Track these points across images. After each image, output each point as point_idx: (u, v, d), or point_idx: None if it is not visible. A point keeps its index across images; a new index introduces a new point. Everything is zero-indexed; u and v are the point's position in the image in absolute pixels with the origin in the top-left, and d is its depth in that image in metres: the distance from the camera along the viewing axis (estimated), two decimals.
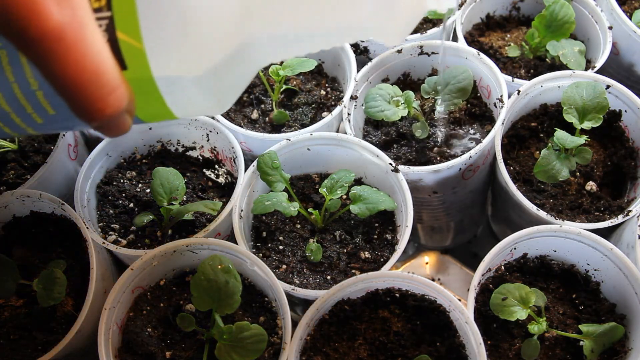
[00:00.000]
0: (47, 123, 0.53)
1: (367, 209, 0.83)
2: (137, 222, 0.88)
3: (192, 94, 0.52)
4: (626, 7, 1.11)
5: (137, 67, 0.47)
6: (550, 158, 0.86)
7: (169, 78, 0.49)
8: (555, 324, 0.80)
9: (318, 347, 0.77)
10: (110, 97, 0.43)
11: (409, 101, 0.91)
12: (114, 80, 0.44)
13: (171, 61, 0.48)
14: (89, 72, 0.42)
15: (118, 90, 0.44)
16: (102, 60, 0.42)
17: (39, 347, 0.80)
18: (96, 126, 0.47)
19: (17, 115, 0.51)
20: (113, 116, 0.45)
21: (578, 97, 0.87)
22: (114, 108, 0.44)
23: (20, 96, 0.50)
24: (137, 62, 0.47)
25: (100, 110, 0.43)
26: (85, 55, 0.41)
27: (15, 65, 0.48)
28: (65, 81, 0.41)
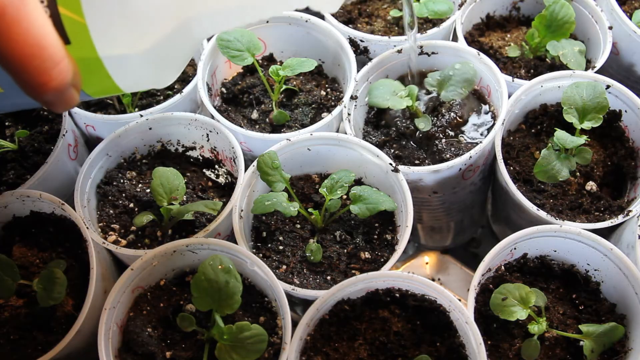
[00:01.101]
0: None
1: (367, 209, 0.83)
2: (137, 222, 0.88)
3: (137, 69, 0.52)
4: (626, 7, 1.11)
5: (80, 42, 0.48)
6: (550, 158, 0.86)
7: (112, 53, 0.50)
8: (555, 324, 0.80)
9: (318, 347, 0.77)
10: (54, 70, 0.44)
11: (412, 94, 0.91)
12: (57, 53, 0.44)
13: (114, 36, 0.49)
14: (32, 46, 0.43)
15: (61, 63, 0.45)
16: (44, 34, 0.44)
17: (39, 347, 0.80)
18: (44, 101, 0.48)
19: None
20: (58, 89, 0.46)
21: (578, 97, 0.87)
22: (59, 81, 0.45)
23: None
24: (80, 37, 0.48)
25: (44, 84, 0.45)
26: (27, 29, 0.42)
27: None
28: (8, 56, 0.42)
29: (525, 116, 0.98)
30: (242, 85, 1.04)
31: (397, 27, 1.11)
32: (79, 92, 0.50)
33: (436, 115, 0.97)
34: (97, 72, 0.51)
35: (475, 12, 1.11)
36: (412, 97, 0.91)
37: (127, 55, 0.51)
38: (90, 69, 0.51)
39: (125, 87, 0.55)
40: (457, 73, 0.92)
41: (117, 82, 0.53)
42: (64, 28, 0.47)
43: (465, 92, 0.91)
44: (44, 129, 0.98)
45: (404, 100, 0.91)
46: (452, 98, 0.91)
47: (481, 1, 1.10)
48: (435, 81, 0.93)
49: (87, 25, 0.48)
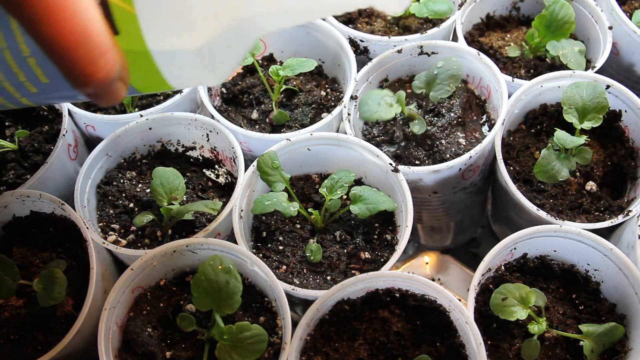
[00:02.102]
0: (41, 92, 0.52)
1: (367, 210, 0.83)
2: (137, 222, 0.88)
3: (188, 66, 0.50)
4: (626, 7, 1.11)
5: (130, 33, 0.46)
6: (550, 158, 0.86)
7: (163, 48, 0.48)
8: (555, 324, 0.80)
9: (318, 347, 0.77)
10: (100, 60, 0.42)
11: (401, 100, 0.91)
12: (103, 43, 0.42)
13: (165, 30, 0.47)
14: (77, 33, 0.41)
15: (108, 53, 0.43)
16: (91, 21, 0.41)
17: (39, 347, 0.80)
18: (89, 93, 0.46)
19: (11, 83, 0.51)
20: (104, 81, 0.44)
21: (578, 97, 0.87)
22: (104, 73, 0.43)
23: (13, 63, 0.49)
24: (129, 28, 0.46)
25: (90, 75, 0.42)
26: (73, 16, 0.40)
27: (6, 31, 0.47)
28: (53, 43, 0.41)
29: (525, 116, 0.98)
30: (242, 85, 1.04)
31: (397, 27, 1.11)
32: (126, 86, 0.48)
33: (436, 115, 0.97)
34: (145, 66, 0.49)
35: (475, 12, 1.11)
36: (401, 104, 0.91)
37: (178, 50, 0.48)
38: (139, 62, 0.48)
39: (175, 83, 0.52)
40: (441, 71, 0.91)
41: (166, 77, 0.51)
42: (113, 17, 0.45)
43: (453, 88, 0.90)
44: (44, 129, 0.98)
45: (392, 109, 0.91)
46: (441, 96, 0.90)
47: (481, 1, 1.10)
48: (422, 82, 0.93)
49: (137, 15, 0.45)
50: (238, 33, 0.50)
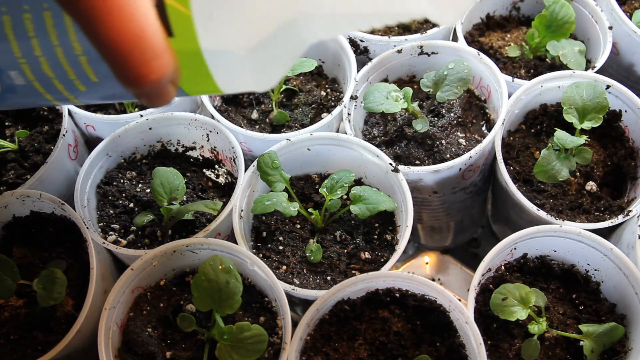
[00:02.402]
0: (90, 91, 0.52)
1: (367, 210, 0.83)
2: (137, 222, 0.88)
3: (240, 69, 0.50)
4: (626, 7, 1.11)
5: (184, 35, 0.46)
6: (550, 158, 0.86)
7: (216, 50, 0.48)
8: (555, 324, 0.80)
9: (318, 347, 0.77)
10: (154, 62, 0.42)
11: (407, 96, 0.91)
12: (158, 45, 0.42)
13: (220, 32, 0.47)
14: (133, 35, 0.41)
15: (163, 56, 0.43)
16: (147, 23, 0.41)
17: (39, 347, 0.80)
18: (139, 94, 0.46)
19: (60, 81, 0.50)
20: (157, 83, 0.43)
21: (578, 97, 0.87)
22: (158, 75, 0.43)
23: (64, 61, 0.49)
24: (184, 30, 0.46)
25: (144, 76, 0.42)
26: (130, 17, 0.40)
27: (59, 29, 0.47)
28: (108, 43, 0.40)
29: (525, 116, 0.98)
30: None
31: (397, 27, 1.11)
32: (176, 88, 0.48)
33: (436, 115, 0.97)
34: (197, 69, 0.49)
35: (475, 12, 1.11)
36: (407, 100, 0.91)
37: (230, 53, 0.48)
38: (191, 65, 0.48)
39: (225, 87, 0.52)
40: (451, 72, 0.91)
41: (217, 81, 0.51)
42: (169, 19, 0.45)
43: (460, 92, 0.90)
44: (44, 129, 0.98)
45: (399, 103, 0.91)
46: (448, 98, 0.91)
47: (481, 1, 1.10)
48: (431, 82, 0.93)
49: (193, 18, 0.45)
50: (289, 36, 0.50)
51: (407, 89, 0.92)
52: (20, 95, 0.53)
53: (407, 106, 0.91)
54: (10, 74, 0.50)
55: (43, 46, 0.48)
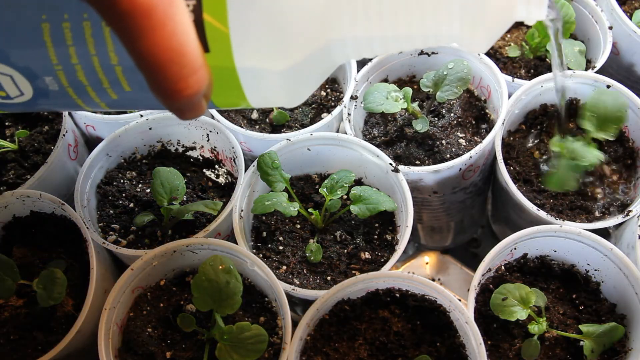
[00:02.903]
0: (121, 100, 0.53)
1: (367, 210, 0.83)
2: (137, 222, 0.88)
3: (271, 86, 0.51)
4: (626, 7, 1.11)
5: (220, 52, 0.47)
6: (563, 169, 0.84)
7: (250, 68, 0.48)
8: (555, 324, 0.80)
9: (318, 347, 0.77)
10: (191, 78, 0.43)
11: (407, 97, 0.91)
12: (196, 61, 0.43)
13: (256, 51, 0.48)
14: (174, 50, 0.41)
15: (199, 72, 0.43)
16: (188, 40, 0.42)
17: (39, 347, 0.80)
18: (172, 107, 0.46)
19: (93, 88, 0.51)
20: (191, 98, 0.44)
21: (602, 105, 0.86)
22: (194, 90, 0.44)
23: (99, 69, 0.49)
24: (220, 47, 0.47)
25: (180, 91, 0.43)
26: (171, 33, 0.41)
27: (97, 38, 0.48)
28: (149, 58, 0.41)
29: (525, 116, 0.98)
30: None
31: None
32: (207, 102, 0.49)
33: (436, 116, 0.97)
34: (229, 84, 0.50)
35: None
36: (407, 100, 0.91)
37: (264, 71, 0.49)
38: (224, 79, 0.49)
39: (255, 102, 0.53)
40: (451, 72, 0.91)
41: (248, 96, 0.52)
42: (206, 35, 0.46)
43: (460, 91, 0.90)
44: (44, 129, 0.98)
45: (399, 103, 0.91)
46: (448, 98, 0.91)
47: None
48: (431, 82, 0.93)
49: (230, 35, 0.46)
50: (323, 58, 0.51)
51: (407, 89, 0.92)
52: (52, 100, 0.54)
53: (407, 106, 0.91)
54: (45, 79, 0.51)
55: (80, 54, 0.49)
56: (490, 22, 0.49)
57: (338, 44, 0.50)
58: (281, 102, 0.55)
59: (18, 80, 0.51)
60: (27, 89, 0.52)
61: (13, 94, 0.53)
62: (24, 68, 0.50)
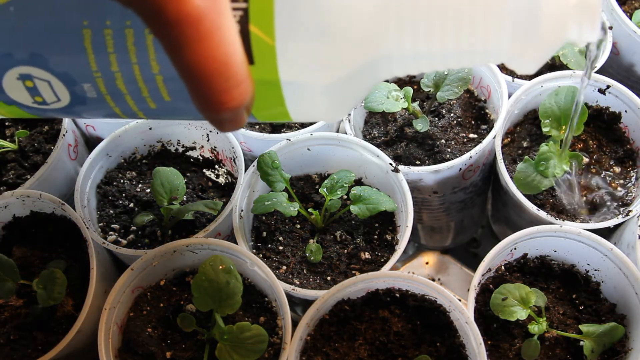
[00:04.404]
0: (159, 109, 0.52)
1: (367, 210, 0.83)
2: (137, 222, 0.88)
3: (314, 101, 0.50)
4: (626, 7, 1.11)
5: (265, 64, 0.46)
6: (527, 171, 0.86)
7: (294, 82, 0.48)
8: (555, 324, 0.80)
9: (318, 347, 0.77)
10: (234, 90, 0.42)
11: (408, 96, 0.91)
12: (241, 73, 0.42)
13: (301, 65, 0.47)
14: (219, 62, 0.40)
15: (243, 84, 0.43)
16: (234, 51, 0.41)
17: (39, 347, 0.80)
18: (212, 119, 0.46)
19: (132, 97, 0.51)
20: (233, 110, 0.43)
21: (555, 107, 0.87)
22: (237, 102, 0.43)
23: (139, 78, 0.49)
24: (265, 59, 0.46)
25: (223, 103, 0.42)
26: (218, 44, 0.40)
27: (139, 47, 0.47)
28: (194, 68, 0.40)
29: (525, 116, 0.98)
30: None
31: None
32: (249, 114, 0.48)
33: (436, 116, 0.97)
34: (272, 97, 0.49)
35: None
36: (407, 99, 0.91)
37: (308, 85, 0.48)
38: (266, 93, 0.48)
39: (296, 116, 0.52)
40: (451, 72, 0.91)
41: (290, 110, 0.51)
42: (251, 47, 0.45)
43: (460, 91, 0.90)
44: (44, 129, 0.98)
45: (399, 103, 0.91)
46: (448, 98, 0.90)
47: None
48: (431, 81, 0.93)
49: (276, 48, 0.45)
50: (367, 74, 0.50)
51: (407, 88, 0.92)
52: (89, 107, 0.53)
53: (408, 106, 0.91)
54: (84, 86, 0.50)
55: (121, 62, 0.48)
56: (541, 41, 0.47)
57: (384, 61, 0.49)
58: (322, 117, 0.55)
59: (56, 86, 0.51)
60: (64, 95, 0.51)
61: (50, 100, 0.52)
62: (63, 74, 0.50)
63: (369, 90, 0.55)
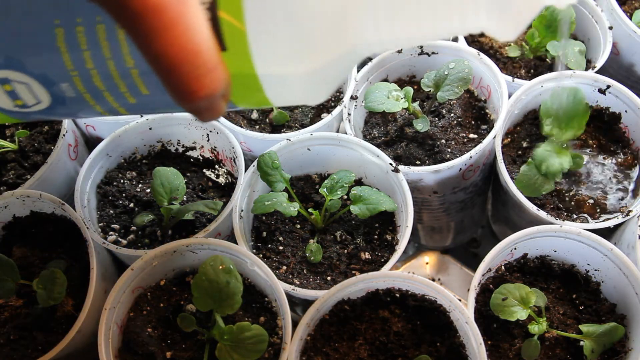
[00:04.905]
0: (139, 103, 0.52)
1: (367, 210, 0.83)
2: (137, 222, 0.88)
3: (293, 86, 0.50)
4: (626, 7, 1.11)
5: (238, 50, 0.45)
6: (530, 174, 0.86)
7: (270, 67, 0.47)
8: (555, 324, 0.80)
9: (318, 347, 0.77)
10: (206, 78, 0.42)
11: (408, 96, 0.91)
12: (211, 60, 0.42)
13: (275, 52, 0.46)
14: (187, 50, 0.40)
15: (215, 71, 0.43)
16: (202, 39, 0.41)
17: (39, 347, 0.80)
18: (190, 108, 0.45)
19: (111, 93, 0.50)
20: (208, 98, 0.43)
21: (556, 107, 0.87)
22: (209, 90, 0.43)
23: (115, 74, 0.48)
24: (237, 45, 0.45)
25: (195, 92, 0.42)
26: (184, 32, 0.40)
27: (112, 41, 0.47)
28: (162, 58, 0.40)
29: (525, 116, 0.98)
30: None
31: None
32: (227, 102, 0.48)
33: (436, 116, 0.97)
34: (249, 84, 0.48)
35: None
36: (408, 99, 0.91)
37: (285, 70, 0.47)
38: (243, 79, 0.48)
39: (276, 101, 0.52)
40: (452, 72, 0.91)
41: (269, 95, 0.50)
42: (222, 33, 0.44)
43: (461, 91, 0.90)
44: (44, 129, 0.98)
45: (399, 102, 0.91)
46: (449, 98, 0.90)
47: None
48: (431, 81, 0.93)
49: (248, 34, 0.45)
50: (347, 57, 0.50)
51: (408, 88, 0.92)
52: (70, 107, 0.53)
53: (408, 106, 0.91)
54: (62, 86, 0.50)
55: (95, 59, 0.48)
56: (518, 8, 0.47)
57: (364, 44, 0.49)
58: (303, 100, 0.54)
59: (35, 88, 0.50)
60: (44, 97, 0.51)
61: (30, 102, 0.52)
62: (40, 75, 0.49)
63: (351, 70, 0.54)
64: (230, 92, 0.47)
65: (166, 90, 0.43)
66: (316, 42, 0.46)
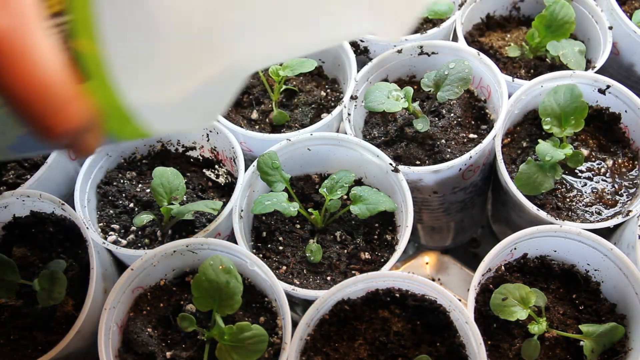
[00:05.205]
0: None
1: (367, 210, 0.83)
2: (137, 222, 0.88)
3: (169, 115, 0.46)
4: (626, 7, 1.11)
5: (100, 79, 0.42)
6: (530, 171, 0.86)
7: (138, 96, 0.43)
8: (555, 324, 0.80)
9: (318, 347, 0.77)
10: (61, 112, 0.39)
11: (408, 96, 0.91)
12: (64, 94, 0.39)
13: (142, 79, 0.43)
14: (34, 85, 0.38)
15: (71, 105, 0.40)
16: (51, 71, 0.38)
17: (39, 347, 0.80)
18: (53, 145, 0.43)
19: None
20: (68, 133, 0.40)
21: (555, 104, 0.87)
22: (69, 124, 0.40)
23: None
24: (99, 74, 0.42)
25: (51, 128, 0.39)
26: (29, 67, 0.37)
27: None
28: (10, 95, 0.38)
29: (525, 116, 0.98)
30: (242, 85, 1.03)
31: None
32: (98, 136, 0.44)
33: (436, 116, 0.97)
34: (119, 115, 0.44)
35: (475, 12, 1.11)
36: (408, 99, 0.91)
37: (156, 102, 0.44)
38: (113, 110, 0.43)
39: (153, 131, 0.48)
40: (452, 72, 0.91)
41: (145, 125, 0.46)
42: (81, 63, 0.41)
43: (461, 91, 0.90)
44: None
45: (399, 102, 0.91)
46: (449, 98, 0.90)
47: (481, 1, 1.10)
48: (432, 81, 0.93)
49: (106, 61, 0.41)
50: (225, 77, 0.46)
51: (408, 88, 0.92)
52: None
53: (408, 105, 0.91)
54: None
55: None
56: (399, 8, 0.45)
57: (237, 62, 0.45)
58: (188, 127, 0.51)
59: None
60: None
61: None
62: None
63: (235, 90, 0.50)
64: (104, 124, 0.44)
65: (26, 128, 0.40)
66: (183, 65, 0.43)
